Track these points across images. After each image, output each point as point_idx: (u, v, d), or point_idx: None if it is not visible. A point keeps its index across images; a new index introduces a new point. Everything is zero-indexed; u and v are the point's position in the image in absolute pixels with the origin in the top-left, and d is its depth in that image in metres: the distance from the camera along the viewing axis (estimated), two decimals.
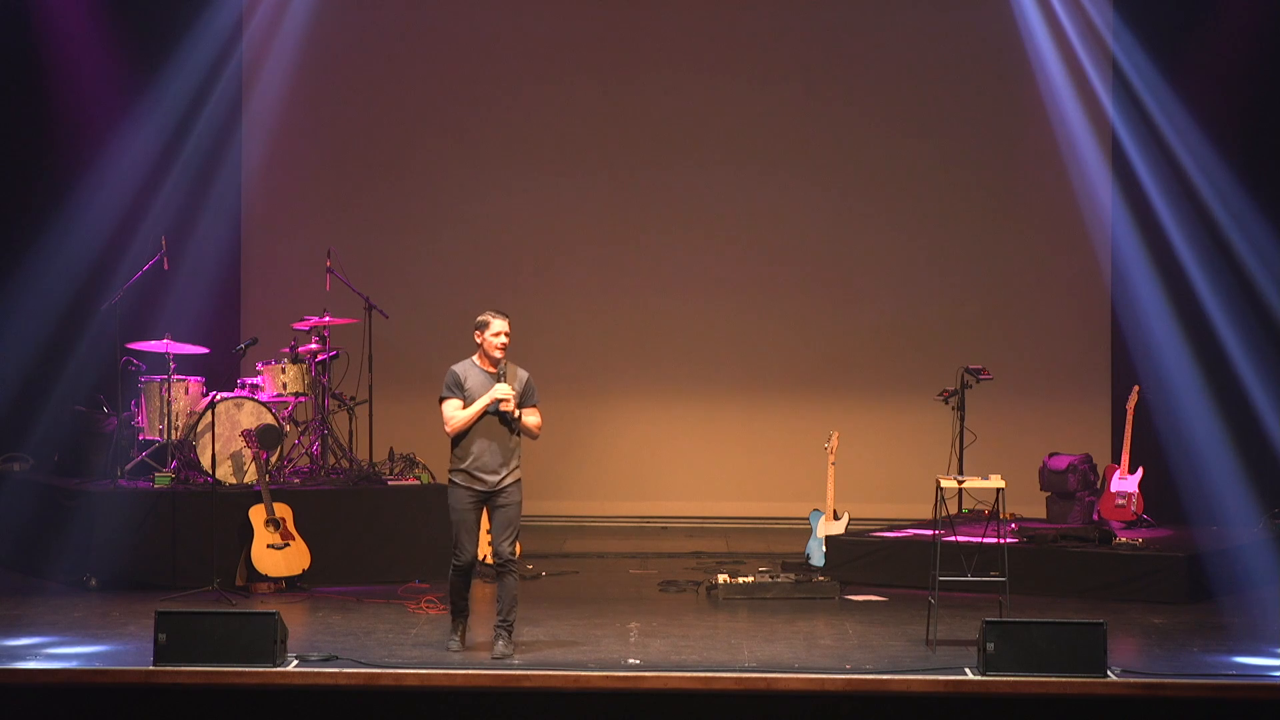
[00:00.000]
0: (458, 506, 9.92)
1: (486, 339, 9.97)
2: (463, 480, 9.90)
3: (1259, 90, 14.47)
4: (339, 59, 15.81)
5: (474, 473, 9.87)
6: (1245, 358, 14.14)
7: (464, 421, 9.86)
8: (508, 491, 9.92)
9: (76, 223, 14.11)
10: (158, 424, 12.71)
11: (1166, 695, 9.07)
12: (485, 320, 9.99)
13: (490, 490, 9.90)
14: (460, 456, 9.91)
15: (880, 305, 15.87)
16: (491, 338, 9.96)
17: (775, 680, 9.23)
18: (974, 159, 15.80)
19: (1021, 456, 14.24)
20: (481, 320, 10.00)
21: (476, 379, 9.95)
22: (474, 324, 10.03)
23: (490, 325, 9.97)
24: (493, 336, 9.96)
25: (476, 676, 9.25)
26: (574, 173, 15.93)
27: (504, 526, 9.91)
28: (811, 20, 15.87)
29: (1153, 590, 11.90)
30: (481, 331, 9.99)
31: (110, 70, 14.51)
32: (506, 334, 9.98)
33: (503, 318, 9.99)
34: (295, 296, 14.35)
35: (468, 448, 9.89)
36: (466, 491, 9.89)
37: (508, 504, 9.92)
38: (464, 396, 9.91)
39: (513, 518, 9.94)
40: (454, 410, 9.89)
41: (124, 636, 10.28)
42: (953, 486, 10.93)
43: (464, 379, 9.95)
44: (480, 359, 10.03)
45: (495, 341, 9.96)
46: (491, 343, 9.96)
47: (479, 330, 10.00)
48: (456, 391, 9.92)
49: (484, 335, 9.98)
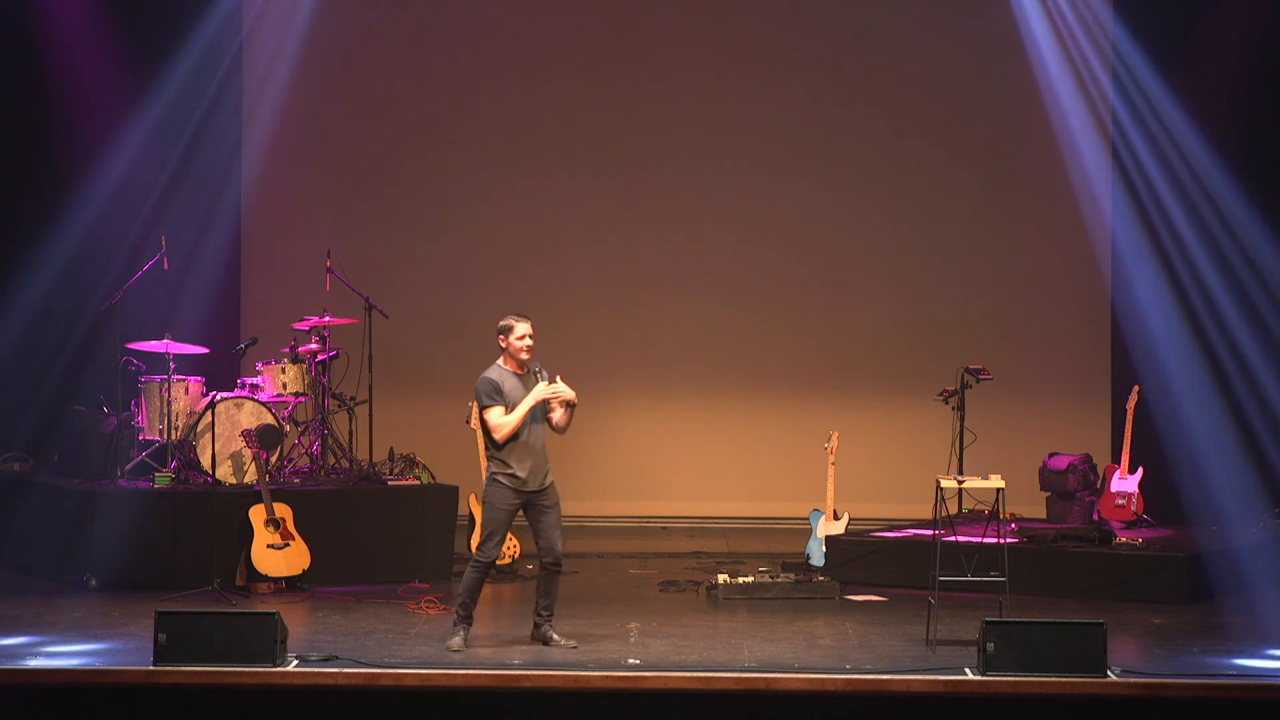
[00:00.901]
0: (499, 505, 9.99)
1: (512, 343, 10.05)
2: (509, 482, 9.99)
3: (1259, 91, 14.46)
4: (339, 59, 15.81)
5: (520, 475, 9.98)
6: (1245, 357, 14.14)
7: (514, 426, 9.95)
8: (549, 492, 10.10)
9: (77, 223, 14.11)
10: (158, 424, 12.71)
11: (1166, 695, 9.07)
12: (509, 325, 10.07)
13: (534, 491, 10.03)
14: (505, 460, 10.00)
15: (880, 305, 15.87)
16: (517, 341, 10.05)
17: (775, 680, 9.23)
18: (974, 159, 15.81)
19: (1021, 456, 14.24)
20: (505, 325, 10.07)
21: (511, 383, 10.03)
22: (497, 329, 10.09)
23: (515, 329, 10.05)
24: (518, 340, 10.05)
25: (476, 676, 9.24)
26: (574, 173, 15.93)
27: (555, 527, 10.11)
28: (812, 20, 15.88)
29: (1153, 590, 11.90)
30: (506, 336, 10.06)
31: (111, 71, 14.51)
32: (531, 335, 10.05)
33: (525, 320, 10.08)
34: (295, 296, 14.35)
35: (513, 451, 10.00)
36: (512, 492, 9.99)
37: (554, 505, 10.13)
38: (504, 402, 9.94)
39: (559, 517, 10.14)
40: (501, 417, 9.95)
41: (124, 636, 10.28)
42: (953, 486, 10.93)
43: (501, 385, 9.99)
44: (506, 362, 10.09)
45: (522, 345, 10.05)
46: (518, 346, 10.05)
47: (503, 335, 10.06)
48: (499, 398, 9.98)
49: (509, 339, 10.06)
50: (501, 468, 10.00)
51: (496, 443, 9.98)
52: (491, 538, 10.02)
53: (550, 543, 10.06)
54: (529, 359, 10.07)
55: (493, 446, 10.02)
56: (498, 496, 10.00)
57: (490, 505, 10.03)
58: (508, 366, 10.09)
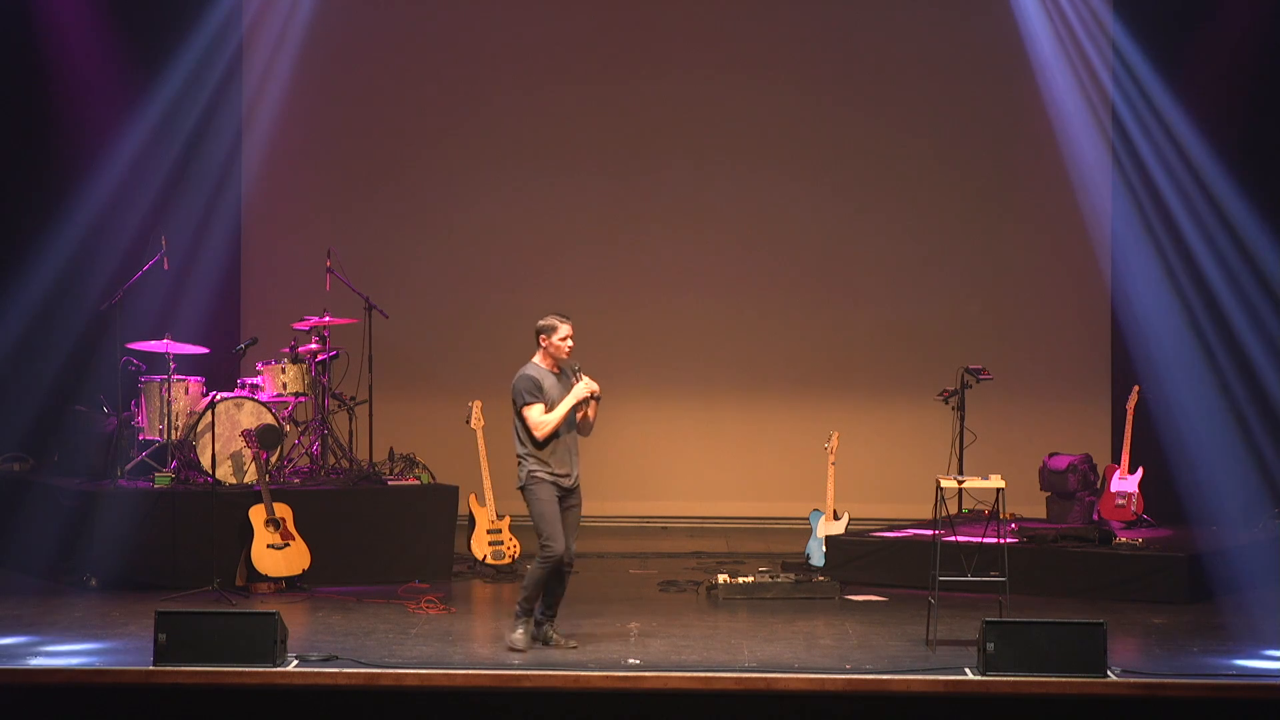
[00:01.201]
0: (546, 498, 10.00)
1: (554, 343, 10.09)
2: (549, 476, 10.02)
3: (1259, 90, 14.47)
4: (339, 59, 15.81)
5: (559, 472, 10.02)
6: (1245, 357, 14.14)
7: (555, 425, 9.99)
8: (576, 492, 10.14)
9: (77, 223, 14.11)
10: (158, 424, 12.71)
11: (1166, 695, 9.07)
12: (552, 325, 10.10)
13: (566, 489, 10.06)
14: (544, 458, 10.02)
15: (880, 305, 15.87)
16: (559, 341, 10.10)
17: (775, 680, 9.23)
18: (974, 159, 15.81)
19: (1021, 456, 14.25)
20: (548, 325, 10.10)
21: (550, 381, 10.06)
22: (537, 328, 10.12)
23: (558, 330, 10.09)
24: (560, 340, 10.10)
25: (476, 676, 9.24)
26: (574, 173, 15.93)
27: (574, 528, 10.13)
28: (811, 20, 15.88)
29: (1153, 590, 11.90)
30: (548, 336, 10.09)
31: (111, 71, 14.51)
32: (572, 336, 10.08)
33: (567, 321, 10.13)
34: (295, 296, 14.35)
35: (553, 449, 10.03)
36: (553, 486, 10.02)
37: (577, 504, 10.15)
38: (544, 399, 9.97)
39: (579, 519, 10.17)
40: (542, 415, 9.98)
41: (124, 636, 10.28)
42: (953, 486, 10.93)
43: (541, 383, 10.03)
44: (544, 361, 10.12)
45: (565, 345, 10.11)
46: (560, 346, 10.10)
47: (545, 334, 10.10)
48: (539, 395, 10.01)
49: (551, 339, 10.10)
50: (541, 465, 10.01)
51: (537, 441, 9.99)
52: (551, 532, 9.96)
53: (566, 543, 10.05)
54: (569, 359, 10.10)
55: (532, 445, 10.02)
56: (543, 491, 10.01)
57: (538, 501, 10.00)
58: (543, 364, 10.11)
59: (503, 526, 13.03)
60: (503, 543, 13.00)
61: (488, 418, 13.21)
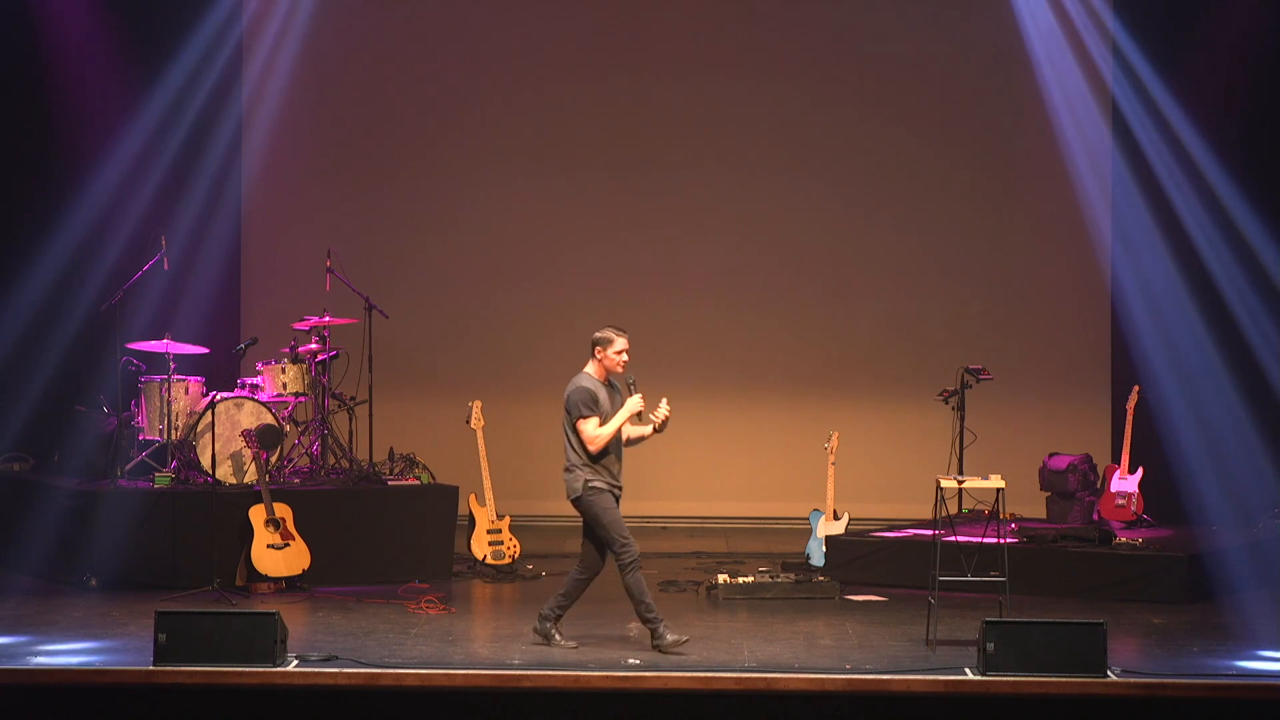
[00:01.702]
0: (608, 506, 10.08)
1: (609, 356, 10.11)
2: (607, 485, 10.08)
3: (1259, 90, 14.46)
4: (339, 59, 15.81)
5: (616, 480, 10.11)
6: (1246, 357, 14.14)
7: (610, 438, 10.03)
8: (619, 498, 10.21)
9: (77, 222, 14.10)
10: (158, 424, 12.71)
11: (1166, 695, 9.07)
12: (609, 338, 10.11)
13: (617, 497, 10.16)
14: (600, 468, 10.06)
15: (880, 305, 15.87)
16: (615, 355, 10.11)
17: (775, 680, 9.23)
18: (974, 159, 15.81)
19: (1021, 456, 14.24)
20: (605, 338, 10.11)
21: (604, 394, 10.10)
22: (593, 340, 10.13)
23: (614, 343, 10.11)
24: (616, 354, 10.11)
25: (476, 676, 9.24)
26: (574, 172, 15.93)
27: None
28: (811, 20, 15.88)
29: (1153, 590, 11.90)
30: (604, 349, 10.11)
31: (111, 70, 14.51)
32: (628, 350, 10.11)
33: (624, 335, 10.14)
34: (295, 296, 14.35)
35: (609, 460, 10.08)
36: (611, 495, 10.10)
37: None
38: (599, 412, 10.02)
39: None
40: (597, 429, 10.01)
41: (124, 636, 10.28)
42: (953, 486, 10.93)
43: (597, 395, 10.06)
44: (598, 373, 10.13)
45: (621, 359, 10.12)
46: (615, 360, 10.12)
47: (601, 347, 10.11)
48: (595, 408, 10.03)
49: (606, 352, 10.11)
50: (599, 475, 10.05)
51: (591, 454, 10.01)
52: (625, 536, 10.03)
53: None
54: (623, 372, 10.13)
55: (587, 456, 10.04)
56: (603, 500, 10.06)
57: (605, 510, 10.04)
58: (597, 376, 10.13)
59: (503, 526, 13.03)
60: (503, 543, 12.99)
61: (487, 418, 13.22)
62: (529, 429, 15.65)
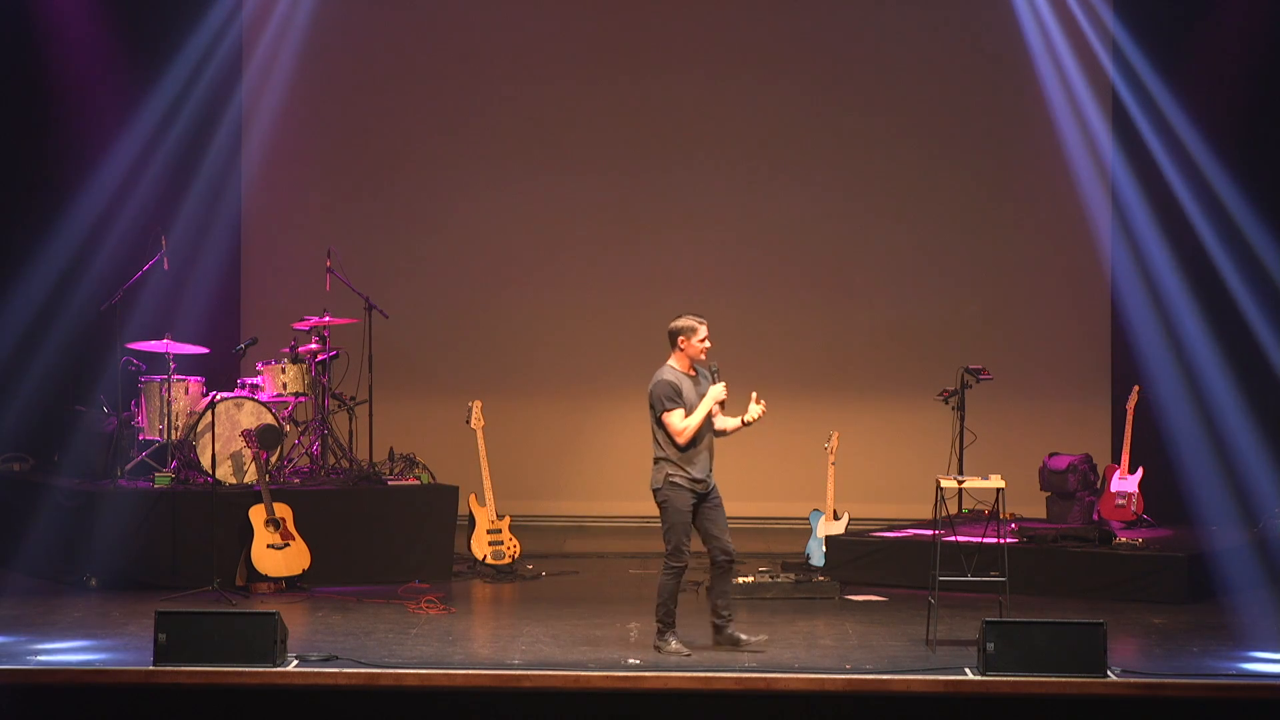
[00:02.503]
0: (682, 508, 9.97)
1: (693, 344, 10.03)
2: (687, 483, 9.97)
3: (1259, 90, 14.46)
4: (339, 59, 15.81)
5: (699, 476, 9.98)
6: (1246, 357, 14.14)
7: (696, 429, 9.94)
8: (715, 491, 10.08)
9: (76, 222, 14.10)
10: (158, 424, 12.71)
11: (1166, 695, 9.08)
12: (691, 326, 10.04)
13: (704, 492, 10.02)
14: (685, 461, 9.97)
15: (880, 305, 15.87)
16: (698, 343, 10.03)
17: (775, 680, 9.23)
18: (974, 159, 15.80)
19: (1021, 456, 14.23)
20: (686, 326, 10.04)
21: (688, 385, 10.03)
22: (674, 330, 10.04)
23: (697, 331, 10.03)
24: (699, 342, 10.03)
25: (476, 676, 9.24)
26: (574, 172, 15.93)
27: (726, 524, 10.07)
28: (812, 21, 15.87)
29: (1153, 590, 11.90)
30: (687, 338, 10.02)
31: (111, 70, 14.51)
32: (709, 337, 10.04)
33: (705, 322, 10.06)
34: (295, 296, 14.34)
35: (693, 452, 9.98)
36: (690, 493, 9.98)
37: (720, 502, 10.09)
38: (684, 404, 9.95)
39: (724, 513, 10.11)
40: (683, 420, 9.94)
41: (124, 636, 10.28)
42: (953, 486, 10.93)
43: (680, 387, 9.99)
44: (680, 363, 10.07)
45: (703, 346, 10.04)
46: (698, 348, 10.03)
47: (683, 336, 10.02)
48: (678, 400, 9.97)
49: (690, 341, 10.03)
50: (680, 470, 9.97)
51: (679, 446, 9.95)
52: (681, 542, 9.95)
53: (724, 540, 10.01)
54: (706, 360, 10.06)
55: (674, 449, 9.97)
56: (679, 499, 9.97)
57: (672, 509, 9.98)
58: (680, 367, 10.06)
59: (503, 526, 13.02)
60: (503, 543, 12.99)
61: (487, 418, 13.22)
62: (529, 429, 15.67)
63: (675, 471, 9.97)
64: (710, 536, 10.07)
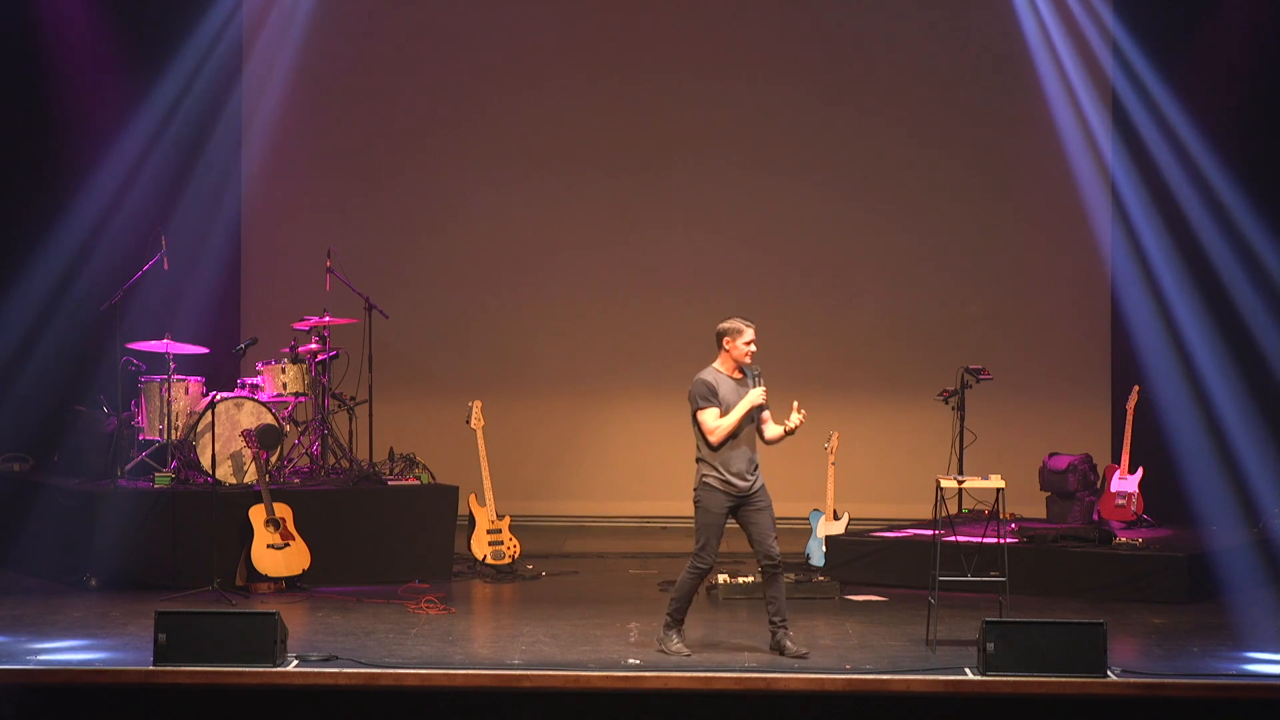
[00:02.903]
0: (713, 509, 9.90)
1: (738, 346, 9.99)
2: (720, 485, 9.91)
3: (1259, 89, 14.47)
4: (339, 59, 15.81)
5: (731, 479, 9.90)
6: (1246, 356, 14.14)
7: (729, 429, 9.88)
8: (760, 494, 9.98)
9: (76, 222, 14.10)
10: (158, 424, 12.71)
11: (1166, 695, 9.07)
12: (737, 328, 10.00)
13: (744, 494, 9.93)
14: (718, 463, 9.91)
15: (880, 305, 15.87)
16: (743, 345, 9.99)
17: (775, 680, 9.23)
18: (974, 159, 15.80)
19: (1021, 456, 14.24)
20: (732, 328, 10.00)
21: (727, 386, 9.97)
22: (719, 331, 10.01)
23: (743, 334, 9.99)
24: (745, 344, 10.00)
25: (476, 676, 9.24)
26: (573, 172, 15.93)
27: (769, 528, 9.97)
28: (812, 21, 15.87)
29: (1153, 590, 11.90)
30: (733, 339, 9.99)
31: (111, 70, 14.51)
32: (756, 340, 10.01)
33: (751, 325, 10.02)
34: (295, 296, 14.35)
35: (727, 454, 9.91)
36: (725, 496, 9.91)
37: (765, 506, 9.99)
38: (720, 404, 9.89)
39: (772, 519, 10.00)
40: (717, 419, 9.89)
41: (124, 636, 10.28)
42: (953, 486, 10.93)
43: (716, 387, 9.94)
44: (724, 364, 10.03)
45: (748, 349, 10.00)
46: (742, 350, 10.00)
47: (729, 338, 9.99)
48: (713, 399, 9.92)
49: (735, 343, 9.99)
50: (712, 470, 9.92)
51: (711, 445, 9.91)
52: (708, 543, 9.88)
53: (765, 545, 9.92)
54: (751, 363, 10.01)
55: (707, 449, 9.93)
56: (710, 500, 9.91)
57: (702, 510, 9.93)
58: (723, 368, 10.03)
59: (503, 526, 13.02)
60: (503, 543, 12.99)
61: (487, 418, 13.21)
62: (529, 429, 15.68)
63: (709, 472, 9.93)
64: (752, 541, 10.01)
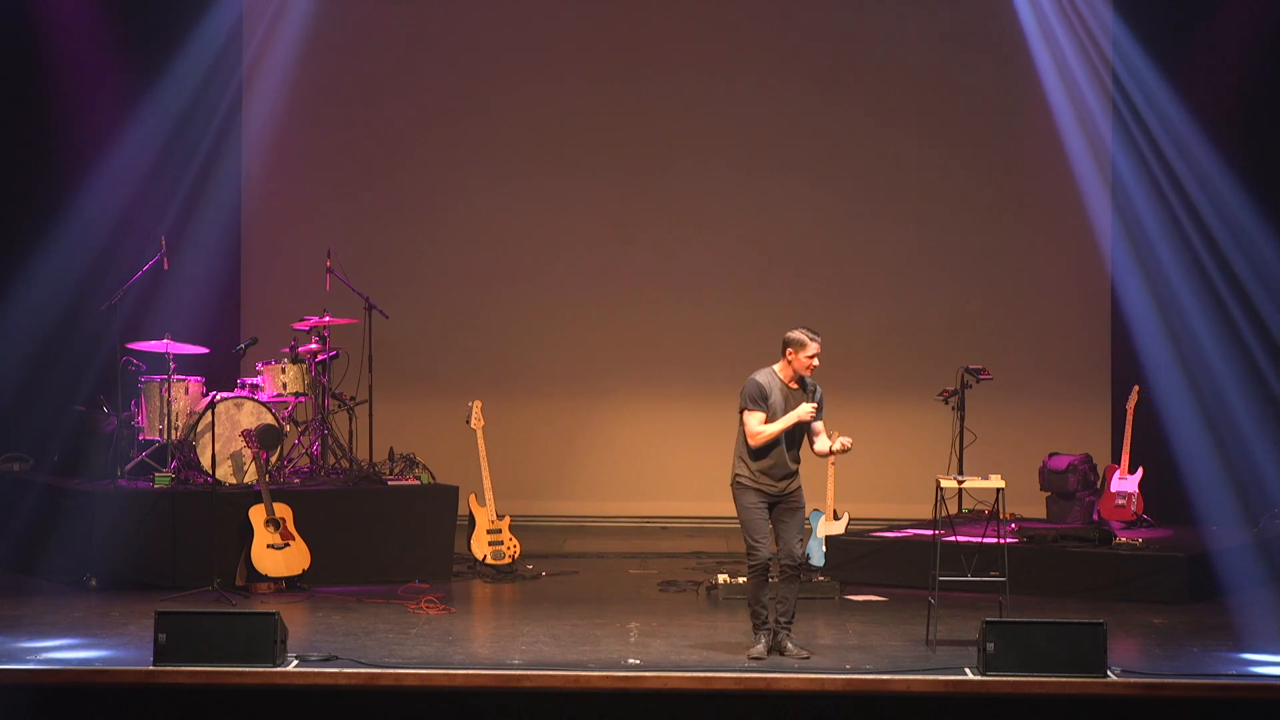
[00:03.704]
0: (749, 504, 9.87)
1: (800, 358, 9.94)
2: (751, 484, 9.89)
3: (1259, 89, 14.47)
4: (339, 58, 15.81)
5: (763, 482, 9.87)
6: (1246, 357, 14.14)
7: (770, 437, 9.83)
8: (794, 496, 9.94)
9: (77, 222, 14.11)
10: (158, 424, 12.71)
11: (1166, 695, 9.07)
12: (802, 340, 9.95)
13: (776, 496, 9.91)
14: (754, 464, 9.88)
15: (880, 305, 15.87)
16: (806, 358, 9.95)
17: (775, 680, 9.23)
18: (974, 159, 15.81)
19: (1021, 456, 14.23)
20: (797, 339, 9.95)
21: (781, 393, 9.93)
22: (785, 340, 9.96)
23: (807, 347, 9.94)
24: (807, 358, 9.95)
25: (476, 676, 9.24)
26: (574, 172, 15.93)
27: (796, 530, 9.93)
28: (811, 21, 15.87)
29: (1153, 590, 11.90)
30: (797, 351, 9.94)
31: (111, 70, 14.51)
32: (819, 355, 9.96)
33: (818, 339, 9.96)
34: (295, 296, 14.34)
35: (763, 458, 9.88)
36: (756, 493, 9.89)
37: (798, 507, 9.95)
38: (768, 409, 9.87)
39: (801, 521, 9.97)
40: (760, 425, 9.84)
41: (124, 636, 10.28)
42: (953, 486, 10.92)
43: (769, 392, 9.91)
44: (784, 371, 9.99)
45: (810, 363, 9.96)
46: (804, 363, 9.95)
47: (792, 349, 9.94)
48: (761, 404, 9.89)
49: (798, 355, 9.94)
50: (746, 470, 9.89)
51: (749, 447, 9.88)
52: (753, 538, 9.84)
53: (789, 546, 9.89)
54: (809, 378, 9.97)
55: (745, 447, 9.90)
56: (743, 497, 9.89)
57: (739, 506, 9.90)
58: (782, 375, 9.99)
59: (503, 526, 13.02)
60: (503, 543, 12.99)
61: (487, 418, 13.22)
62: (529, 429, 15.68)
63: (742, 470, 9.91)
64: (777, 538, 10.00)
